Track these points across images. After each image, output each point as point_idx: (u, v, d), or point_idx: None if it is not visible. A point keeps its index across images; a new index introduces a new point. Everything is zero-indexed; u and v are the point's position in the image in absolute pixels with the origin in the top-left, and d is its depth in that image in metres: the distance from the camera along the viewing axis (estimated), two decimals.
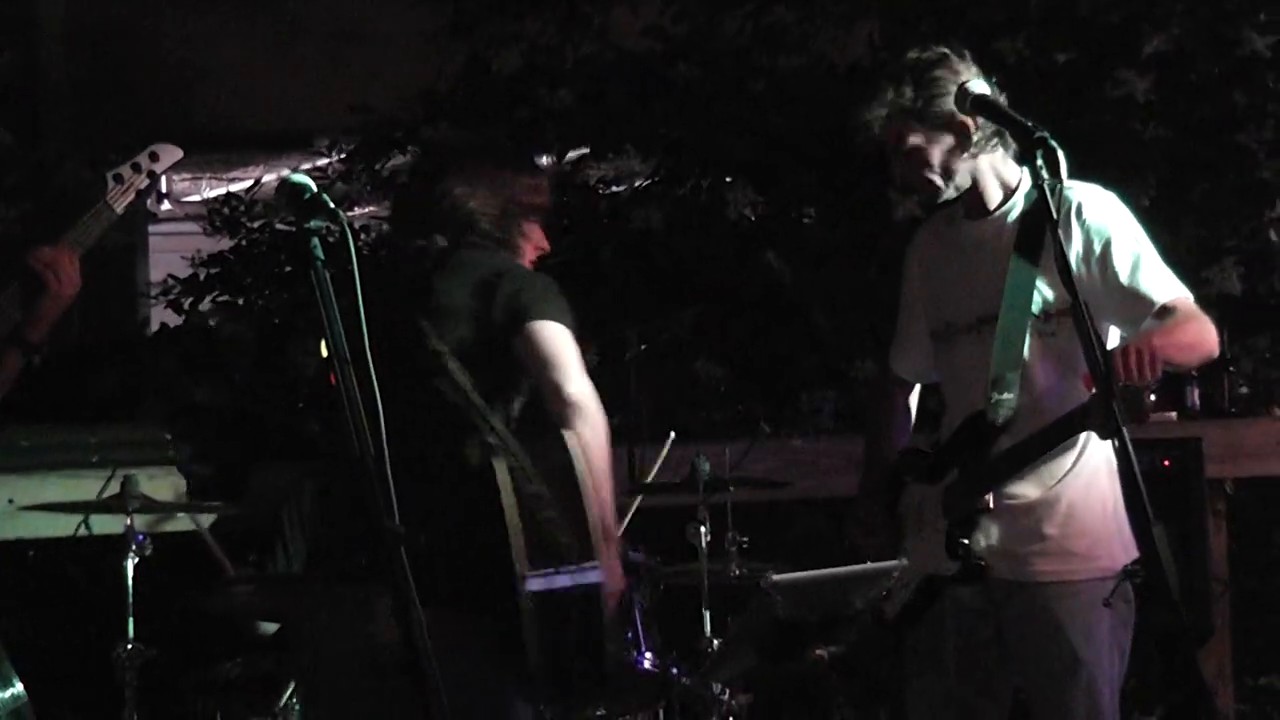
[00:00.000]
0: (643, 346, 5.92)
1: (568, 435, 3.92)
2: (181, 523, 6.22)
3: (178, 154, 4.33)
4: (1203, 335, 4.03)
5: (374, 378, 3.72)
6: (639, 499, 5.84)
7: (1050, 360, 4.10)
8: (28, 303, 4.08)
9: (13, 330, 4.11)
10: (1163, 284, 4.05)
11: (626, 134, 8.10)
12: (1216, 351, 4.11)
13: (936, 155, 4.16)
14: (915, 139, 4.16)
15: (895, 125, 4.19)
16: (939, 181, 4.19)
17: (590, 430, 3.95)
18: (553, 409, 3.96)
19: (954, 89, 4.04)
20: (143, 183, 4.26)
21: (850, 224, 7.84)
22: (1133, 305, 4.02)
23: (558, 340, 4.00)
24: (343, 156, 8.68)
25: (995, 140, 4.15)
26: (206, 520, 6.09)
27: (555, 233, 4.52)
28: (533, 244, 4.33)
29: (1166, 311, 4.00)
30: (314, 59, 10.12)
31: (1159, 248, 4.11)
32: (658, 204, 8.08)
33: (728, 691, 5.35)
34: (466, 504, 3.91)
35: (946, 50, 4.15)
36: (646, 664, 5.23)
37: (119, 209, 4.21)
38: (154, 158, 4.29)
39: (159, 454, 6.36)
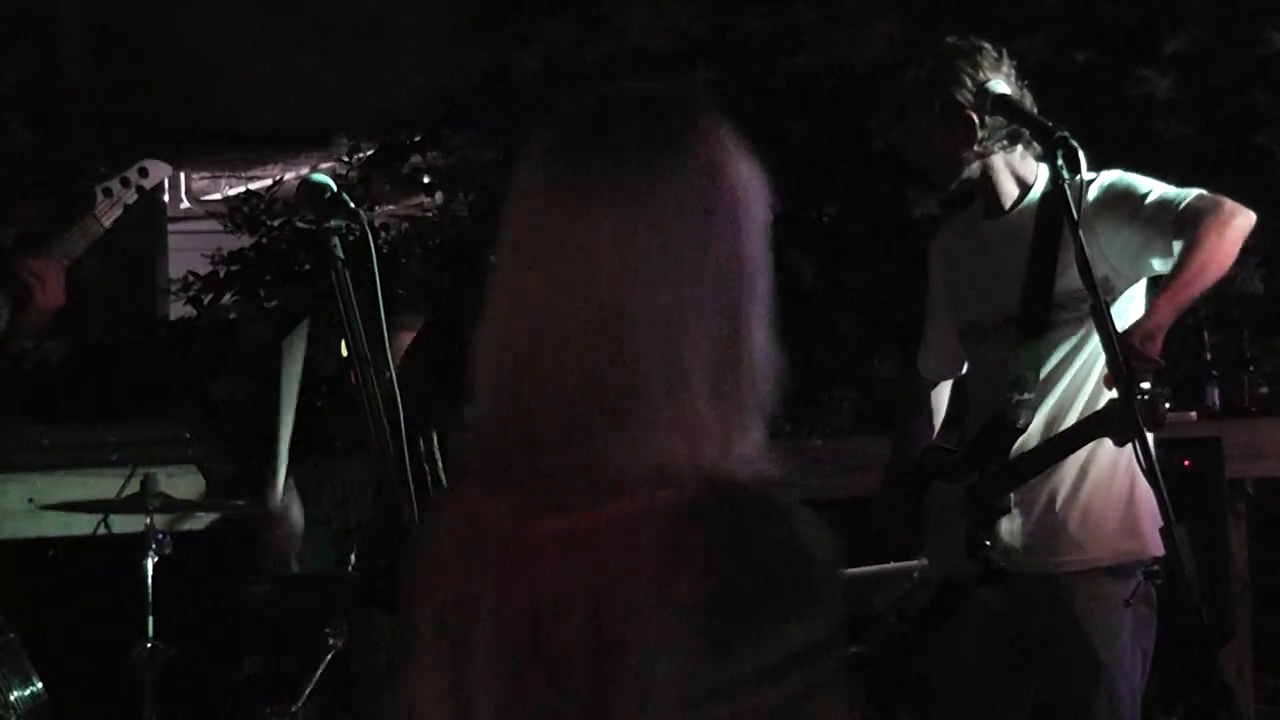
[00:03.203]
0: None
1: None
2: (201, 521, 6.23)
3: (168, 170, 4.34)
4: (1222, 236, 3.92)
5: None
6: None
7: (1070, 358, 4.10)
8: (12, 312, 4.09)
9: None
10: (1176, 190, 4.02)
11: None
12: (1248, 222, 4.01)
13: (941, 142, 4.15)
14: (920, 122, 4.15)
15: (905, 105, 4.19)
16: (943, 168, 4.18)
17: None
18: None
19: (969, 82, 4.04)
20: (131, 197, 4.26)
21: (869, 222, 7.84)
22: (1158, 219, 3.99)
23: None
24: (362, 157, 8.70)
25: (1009, 139, 4.14)
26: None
27: None
28: None
29: (1187, 218, 3.95)
30: (333, 57, 10.13)
31: None
32: None
33: None
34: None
35: (982, 44, 4.14)
36: None
37: (106, 223, 4.22)
38: (143, 173, 4.30)
39: (179, 453, 6.37)
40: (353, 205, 3.36)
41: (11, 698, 4.99)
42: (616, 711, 1.71)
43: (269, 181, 9.38)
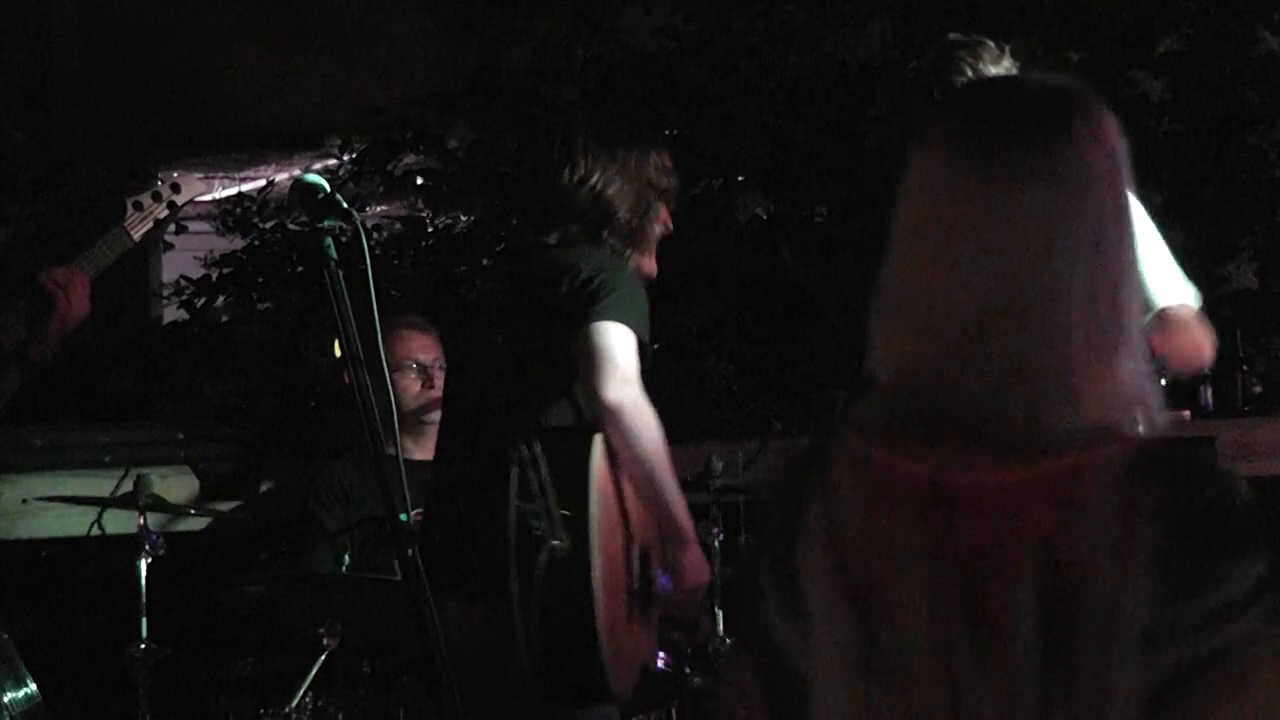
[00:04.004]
0: (655, 346, 5.91)
1: (598, 438, 3.88)
2: (194, 522, 6.23)
3: (200, 187, 4.34)
4: (1184, 346, 4.00)
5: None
6: None
7: None
8: (35, 321, 4.08)
9: (17, 347, 4.11)
10: (1167, 287, 4.04)
11: None
12: (1204, 363, 4.08)
13: None
14: (920, 114, 4.15)
15: (905, 96, 4.19)
16: None
17: (628, 437, 3.86)
18: (596, 414, 3.89)
19: (970, 73, 4.05)
20: (162, 212, 4.26)
21: (862, 221, 7.83)
22: (1158, 280, 4.01)
23: (608, 340, 3.87)
24: (354, 156, 8.67)
25: None
26: None
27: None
28: (660, 228, 4.22)
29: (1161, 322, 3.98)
30: (325, 58, 10.12)
31: (1171, 245, 4.10)
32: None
33: None
34: (479, 497, 3.89)
35: (984, 40, 4.15)
36: (660, 664, 5.23)
37: (136, 236, 4.22)
38: (175, 189, 4.29)
39: (173, 453, 6.36)
40: (346, 206, 3.35)
41: (5, 699, 4.99)
42: (1081, 652, 1.81)
43: (261, 183, 9.36)
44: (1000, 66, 4.09)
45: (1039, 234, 1.91)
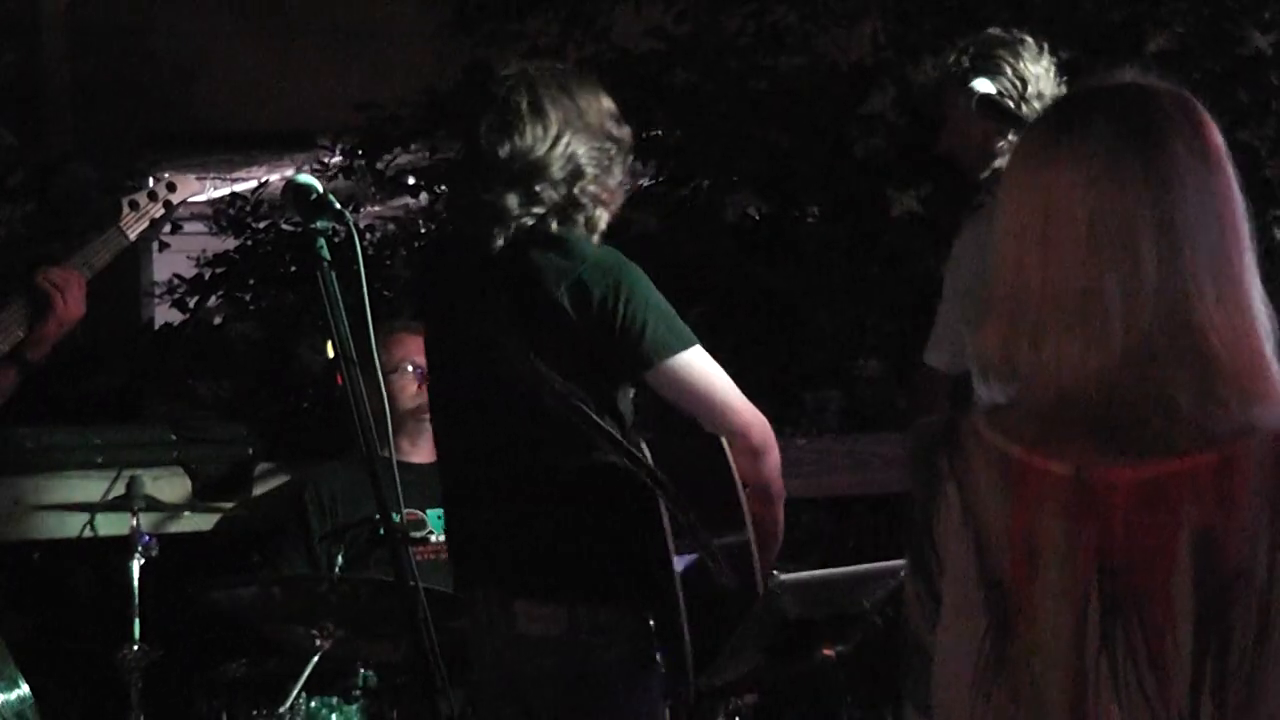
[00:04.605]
0: None
1: (726, 445, 3.86)
2: (187, 523, 6.21)
3: (196, 186, 4.34)
4: None
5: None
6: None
7: None
8: (32, 322, 4.08)
9: (14, 348, 4.11)
10: None
11: None
12: None
13: (975, 132, 4.15)
14: (956, 109, 4.16)
15: (943, 90, 4.20)
16: (975, 157, 4.18)
17: (771, 457, 3.90)
18: (736, 452, 3.87)
19: (1010, 71, 4.06)
20: (158, 211, 4.25)
21: (851, 222, 7.83)
22: None
23: (702, 377, 3.86)
24: (345, 153, 8.66)
25: None
26: None
27: None
28: (622, 180, 4.02)
29: None
30: (317, 58, 10.12)
31: None
32: (658, 205, 8.06)
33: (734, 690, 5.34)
34: (559, 507, 3.78)
35: (1024, 37, 4.16)
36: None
37: (132, 236, 4.22)
38: (171, 188, 4.28)
39: (165, 454, 6.34)
40: (338, 206, 3.35)
41: None
42: (1235, 646, 1.84)
43: (254, 183, 9.35)
44: (1040, 65, 4.11)
45: (1225, 229, 1.99)
